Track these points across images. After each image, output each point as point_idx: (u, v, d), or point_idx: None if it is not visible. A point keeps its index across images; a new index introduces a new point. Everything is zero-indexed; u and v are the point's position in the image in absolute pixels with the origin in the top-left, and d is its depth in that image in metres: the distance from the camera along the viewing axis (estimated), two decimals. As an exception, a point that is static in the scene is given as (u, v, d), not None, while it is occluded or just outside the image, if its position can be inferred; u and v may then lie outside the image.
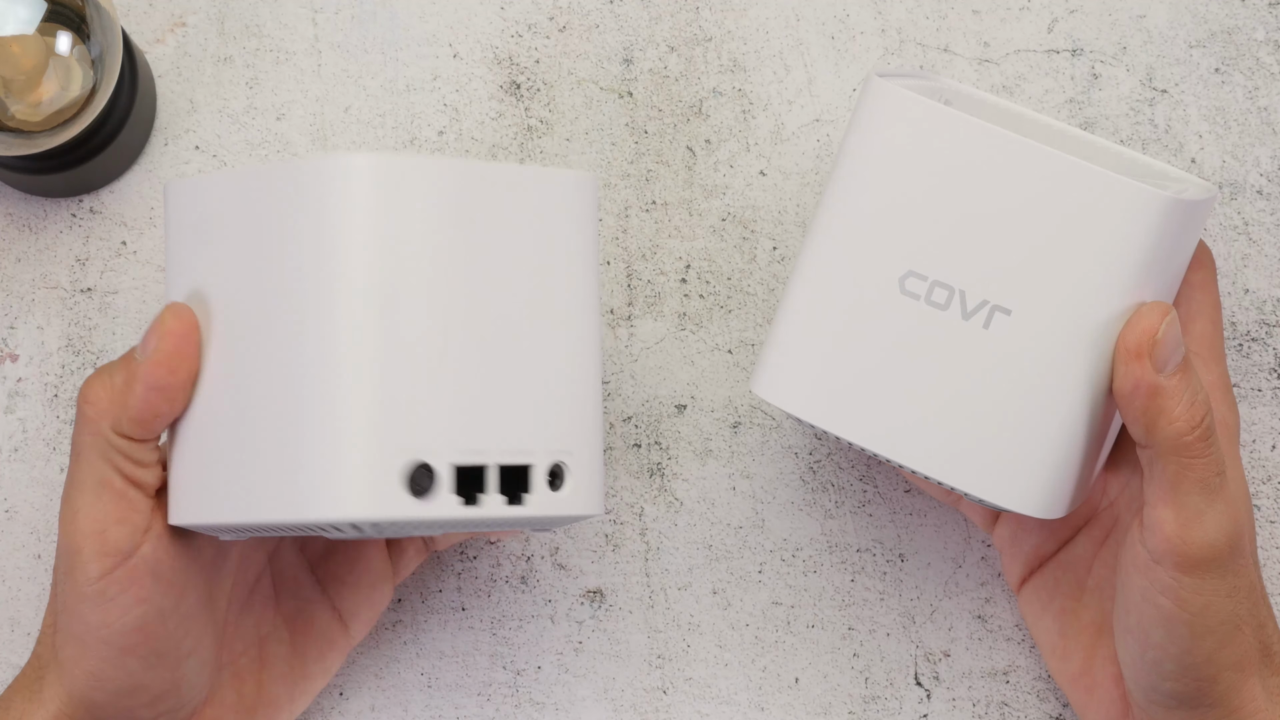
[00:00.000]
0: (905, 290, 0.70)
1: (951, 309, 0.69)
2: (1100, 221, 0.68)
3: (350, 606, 0.77)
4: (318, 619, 0.77)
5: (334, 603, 0.77)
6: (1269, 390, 0.80)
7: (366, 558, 0.77)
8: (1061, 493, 0.70)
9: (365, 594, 0.77)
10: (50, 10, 0.77)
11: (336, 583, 0.77)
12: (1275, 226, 0.81)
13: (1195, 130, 0.82)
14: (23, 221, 0.82)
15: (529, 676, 0.80)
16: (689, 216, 0.82)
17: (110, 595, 0.69)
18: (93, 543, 0.69)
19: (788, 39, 0.82)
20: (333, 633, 0.77)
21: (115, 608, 0.69)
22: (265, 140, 0.82)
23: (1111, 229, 0.68)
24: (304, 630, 0.76)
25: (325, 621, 0.77)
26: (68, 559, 0.70)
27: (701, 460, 0.81)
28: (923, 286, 0.70)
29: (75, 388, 0.81)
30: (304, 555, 0.77)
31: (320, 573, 0.77)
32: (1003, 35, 0.82)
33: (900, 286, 0.70)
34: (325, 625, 0.77)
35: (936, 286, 0.69)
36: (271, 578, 0.77)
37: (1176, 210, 0.68)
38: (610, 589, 0.80)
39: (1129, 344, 0.68)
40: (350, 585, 0.77)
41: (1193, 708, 0.71)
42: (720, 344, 0.81)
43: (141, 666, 0.70)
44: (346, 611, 0.77)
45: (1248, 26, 0.82)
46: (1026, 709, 0.80)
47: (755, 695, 0.80)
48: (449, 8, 0.83)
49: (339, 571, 0.77)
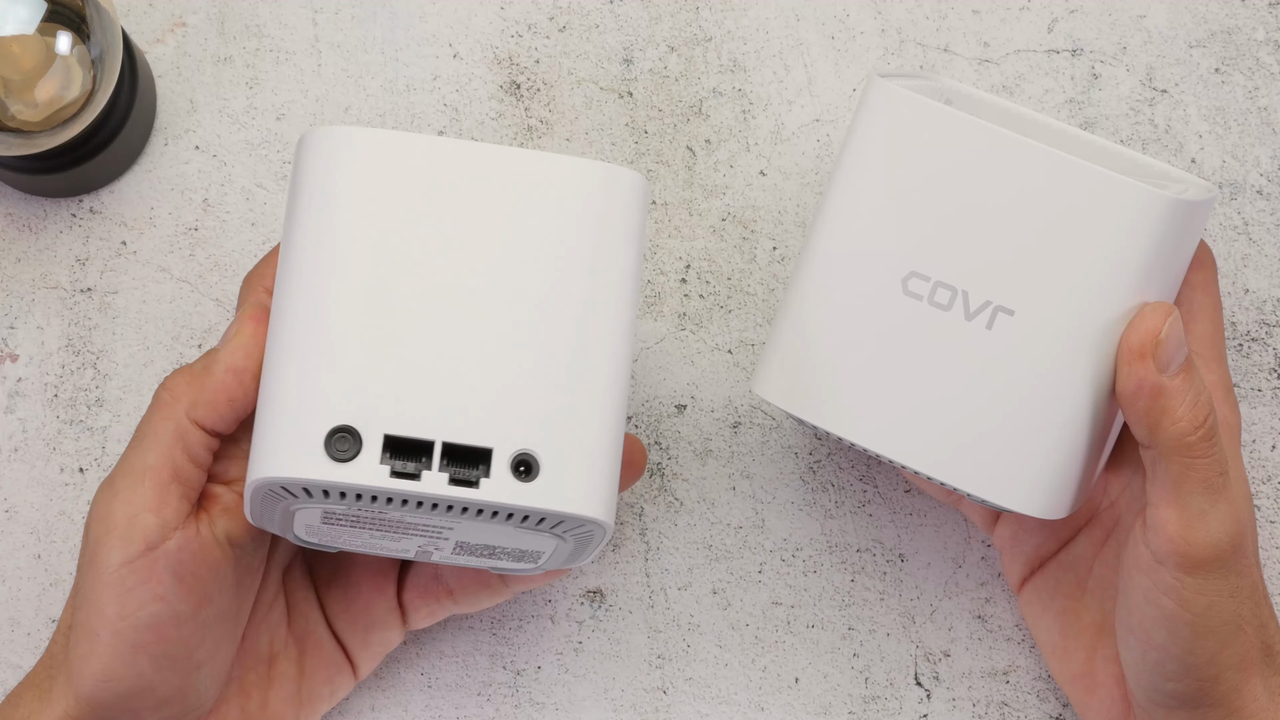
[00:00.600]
0: (908, 291, 0.70)
1: (954, 310, 0.69)
2: (1102, 221, 0.68)
3: (347, 642, 0.76)
4: (326, 645, 0.76)
5: (335, 632, 0.77)
6: (1269, 390, 0.80)
7: (365, 597, 0.76)
8: (1064, 493, 0.70)
9: (360, 634, 0.76)
10: (50, 10, 0.77)
11: (335, 617, 0.77)
12: (1275, 226, 0.81)
13: (1195, 130, 0.82)
14: (23, 221, 0.82)
15: (529, 676, 0.80)
16: (689, 216, 0.82)
17: (128, 585, 0.69)
18: (121, 527, 0.69)
19: (788, 39, 0.82)
20: (339, 660, 0.76)
21: (132, 599, 0.69)
22: (265, 140, 0.82)
23: (1113, 229, 0.68)
24: (313, 653, 0.76)
25: (332, 648, 0.76)
26: (93, 545, 0.70)
27: (701, 460, 0.81)
28: (925, 287, 0.70)
29: (75, 387, 0.81)
30: (310, 578, 0.77)
31: (324, 598, 0.77)
32: (1003, 35, 0.82)
33: (903, 287, 0.70)
34: (332, 651, 0.76)
35: (939, 287, 0.69)
36: (285, 596, 0.76)
37: (1178, 210, 0.68)
38: (610, 589, 0.80)
39: (1132, 345, 0.68)
40: (348, 620, 0.76)
41: (1194, 708, 0.71)
42: (720, 344, 0.81)
43: (151, 668, 0.70)
44: (345, 645, 0.77)
45: (1248, 26, 0.82)
46: (1026, 709, 0.80)
47: (755, 695, 0.80)
48: (449, 8, 0.83)
49: (337, 608, 0.77)
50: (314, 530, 0.70)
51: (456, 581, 0.77)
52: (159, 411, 0.70)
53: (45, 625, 0.80)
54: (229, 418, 0.70)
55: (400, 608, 0.77)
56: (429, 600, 0.77)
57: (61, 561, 0.80)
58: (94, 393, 0.81)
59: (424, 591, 0.77)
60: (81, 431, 0.81)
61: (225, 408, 0.69)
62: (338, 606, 0.76)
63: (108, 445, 0.81)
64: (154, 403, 0.70)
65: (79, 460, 0.81)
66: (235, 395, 0.69)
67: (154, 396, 0.70)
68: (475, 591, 0.77)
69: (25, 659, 0.80)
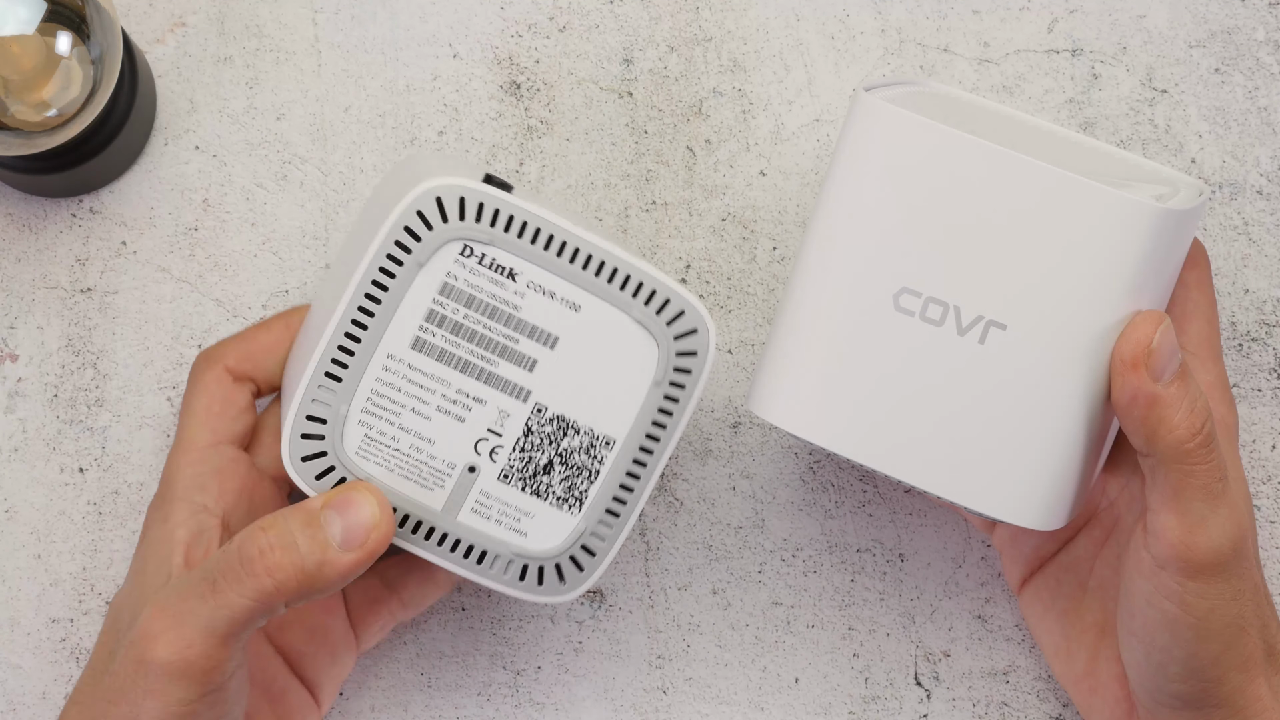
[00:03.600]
0: (900, 307, 0.70)
1: (947, 325, 0.69)
2: (1092, 234, 0.68)
3: (313, 676, 0.76)
4: (291, 689, 0.76)
5: (299, 673, 0.76)
6: (1269, 390, 0.80)
7: (325, 627, 0.76)
8: (1061, 503, 0.70)
9: (326, 665, 0.76)
10: (50, 10, 0.77)
11: (297, 654, 0.76)
12: (1275, 226, 0.81)
13: (1195, 130, 0.82)
14: (23, 221, 0.82)
15: (529, 676, 0.80)
16: (689, 216, 0.82)
17: (198, 713, 0.69)
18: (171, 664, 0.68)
19: (788, 39, 0.82)
20: (306, 700, 0.76)
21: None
22: (265, 140, 0.82)
23: (1103, 241, 0.68)
24: (280, 700, 0.76)
25: (297, 689, 0.76)
26: (156, 669, 0.68)
27: (701, 460, 0.81)
28: (917, 303, 0.70)
29: (75, 387, 0.81)
30: (264, 630, 0.76)
31: (280, 644, 0.76)
32: (1003, 35, 0.82)
33: (895, 304, 0.70)
34: (298, 693, 0.76)
35: (931, 303, 0.69)
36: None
37: (1167, 221, 0.68)
38: (610, 589, 0.80)
39: (1124, 355, 0.68)
40: (310, 656, 0.76)
41: (1198, 708, 0.71)
42: (720, 344, 0.81)
43: None
44: (310, 681, 0.76)
45: (1248, 26, 0.82)
46: (1026, 709, 0.80)
47: (755, 695, 0.80)
48: (449, 8, 0.83)
49: (297, 643, 0.76)
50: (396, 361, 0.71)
51: (401, 583, 0.77)
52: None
53: (45, 625, 0.80)
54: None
55: (352, 628, 0.77)
56: (380, 612, 0.77)
57: (61, 561, 0.80)
58: (94, 393, 0.81)
59: (374, 602, 0.77)
60: (81, 431, 0.81)
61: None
62: (298, 643, 0.76)
63: (108, 445, 0.81)
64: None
65: (79, 460, 0.81)
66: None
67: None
68: (421, 586, 0.77)
69: (25, 659, 0.80)
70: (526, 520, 0.72)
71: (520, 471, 0.71)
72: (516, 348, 0.71)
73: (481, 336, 0.71)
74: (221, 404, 0.74)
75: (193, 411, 0.74)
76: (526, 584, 0.72)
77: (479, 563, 0.71)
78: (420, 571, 0.77)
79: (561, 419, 0.71)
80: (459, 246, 0.70)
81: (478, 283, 0.70)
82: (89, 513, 0.80)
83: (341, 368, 0.70)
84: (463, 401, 0.71)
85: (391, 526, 0.69)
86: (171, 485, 0.73)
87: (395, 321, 0.70)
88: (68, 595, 0.80)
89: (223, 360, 0.74)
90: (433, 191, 0.70)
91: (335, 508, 0.68)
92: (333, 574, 0.68)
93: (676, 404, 0.72)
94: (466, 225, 0.70)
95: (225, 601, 0.68)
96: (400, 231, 0.70)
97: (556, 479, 0.71)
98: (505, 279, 0.71)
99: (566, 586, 0.72)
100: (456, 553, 0.71)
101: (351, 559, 0.68)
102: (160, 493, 0.74)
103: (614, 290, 0.71)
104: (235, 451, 0.74)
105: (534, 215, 0.70)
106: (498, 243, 0.70)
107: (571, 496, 0.72)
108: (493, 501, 0.71)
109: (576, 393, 0.71)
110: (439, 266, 0.70)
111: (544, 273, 0.71)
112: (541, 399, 0.71)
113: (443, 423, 0.71)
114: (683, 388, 0.72)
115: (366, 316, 0.70)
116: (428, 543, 0.71)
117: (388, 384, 0.71)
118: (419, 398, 0.71)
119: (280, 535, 0.68)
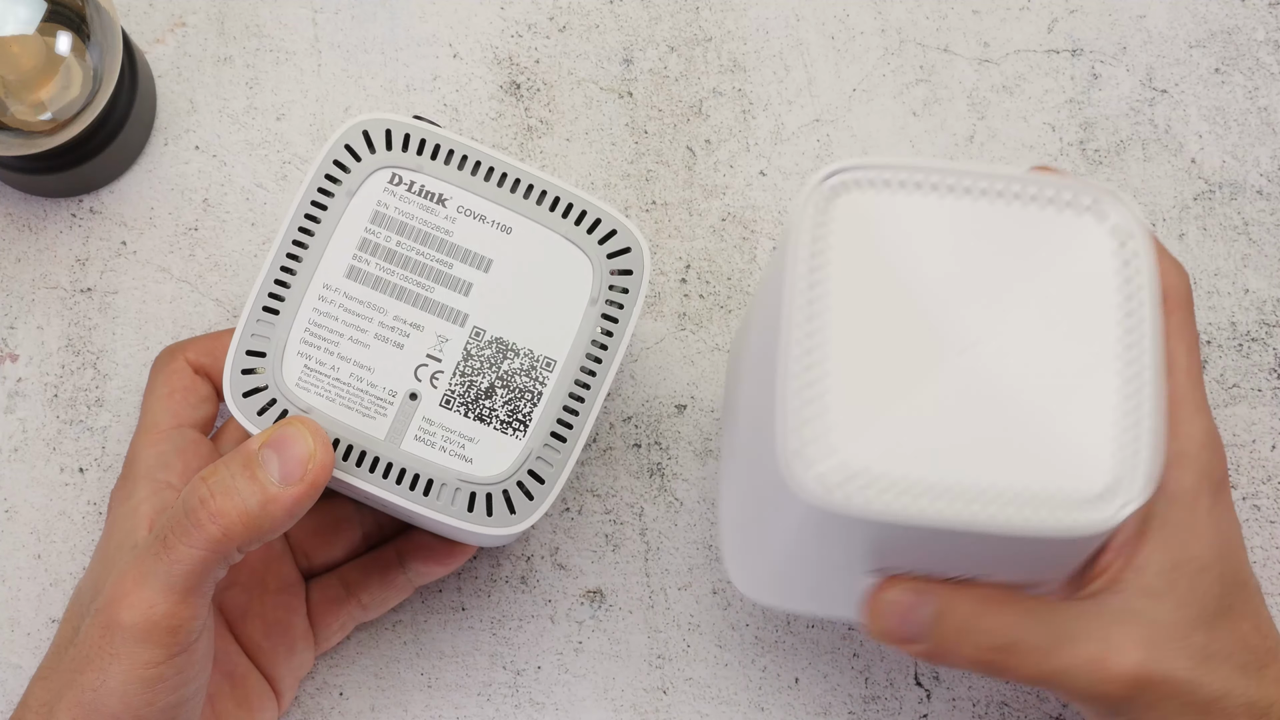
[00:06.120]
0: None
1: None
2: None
3: (271, 670, 0.76)
4: (252, 677, 0.76)
5: (259, 666, 0.76)
6: (1269, 390, 0.80)
7: (285, 623, 0.76)
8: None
9: (284, 658, 0.76)
10: (50, 10, 0.77)
11: (256, 647, 0.76)
12: (1275, 226, 0.81)
13: (1195, 130, 0.82)
14: (23, 221, 0.82)
15: (529, 676, 0.80)
16: (689, 216, 0.82)
17: (165, 677, 0.69)
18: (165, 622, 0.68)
19: (788, 39, 0.82)
20: (265, 691, 0.76)
21: (164, 688, 0.69)
22: (265, 140, 0.82)
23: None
24: (241, 686, 0.76)
25: (257, 679, 0.76)
26: (122, 632, 0.68)
27: (701, 460, 0.81)
28: None
29: (75, 388, 0.81)
30: (223, 615, 0.76)
31: (240, 636, 0.76)
32: (1003, 35, 0.82)
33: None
34: (258, 683, 0.76)
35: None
36: None
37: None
38: (610, 589, 0.80)
39: (885, 638, 0.67)
40: (269, 651, 0.76)
41: None
42: (720, 344, 0.81)
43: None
44: (269, 675, 0.76)
45: (1248, 26, 0.82)
46: (1026, 709, 0.80)
47: (755, 695, 0.80)
48: (449, 8, 0.83)
49: (257, 636, 0.76)
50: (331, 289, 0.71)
51: (361, 586, 0.77)
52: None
53: (45, 625, 0.80)
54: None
55: (311, 627, 0.77)
56: (339, 613, 0.77)
57: (61, 561, 0.80)
58: (94, 393, 0.81)
59: (333, 602, 0.77)
60: (81, 431, 0.81)
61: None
62: (257, 636, 0.76)
63: (108, 445, 0.81)
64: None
65: (79, 460, 0.81)
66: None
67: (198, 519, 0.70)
68: (381, 590, 0.77)
69: (25, 659, 0.80)
70: (471, 446, 0.72)
71: (462, 396, 0.72)
72: (451, 272, 0.72)
73: (415, 262, 0.72)
74: (183, 391, 0.75)
75: (156, 396, 0.75)
76: (475, 515, 0.71)
77: (425, 494, 0.71)
78: (379, 575, 0.77)
79: (500, 341, 0.72)
80: (388, 175, 0.72)
81: (408, 209, 0.72)
82: (89, 513, 0.80)
83: (278, 300, 0.71)
84: (400, 328, 0.72)
85: (330, 456, 0.69)
86: (134, 465, 0.74)
87: (329, 252, 0.72)
88: (67, 595, 0.80)
89: (184, 353, 0.76)
90: (360, 125, 0.72)
91: (271, 445, 0.69)
92: (278, 511, 0.68)
93: (616, 324, 0.72)
94: (394, 154, 0.72)
95: (178, 556, 0.68)
96: (329, 165, 0.72)
97: (499, 403, 0.72)
98: (435, 204, 0.72)
99: (517, 517, 0.71)
100: (403, 484, 0.71)
101: (293, 493, 0.68)
102: (123, 474, 0.74)
103: (544, 212, 0.72)
104: (196, 434, 0.75)
105: (460, 143, 0.72)
106: (425, 169, 0.72)
107: (515, 420, 0.72)
108: (436, 428, 0.71)
109: (514, 315, 0.72)
110: (369, 195, 0.72)
111: (473, 197, 0.72)
112: (479, 322, 0.72)
113: (381, 350, 0.71)
114: (621, 307, 0.72)
115: (300, 249, 0.72)
116: (373, 475, 0.71)
117: (325, 314, 0.72)
118: (357, 326, 0.71)
119: (220, 481, 0.68)
